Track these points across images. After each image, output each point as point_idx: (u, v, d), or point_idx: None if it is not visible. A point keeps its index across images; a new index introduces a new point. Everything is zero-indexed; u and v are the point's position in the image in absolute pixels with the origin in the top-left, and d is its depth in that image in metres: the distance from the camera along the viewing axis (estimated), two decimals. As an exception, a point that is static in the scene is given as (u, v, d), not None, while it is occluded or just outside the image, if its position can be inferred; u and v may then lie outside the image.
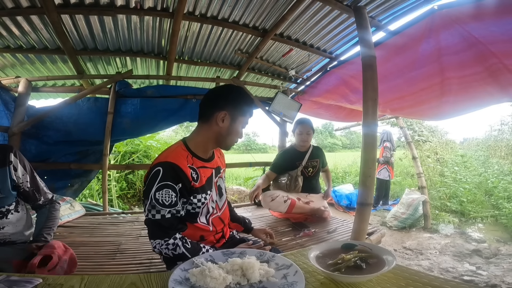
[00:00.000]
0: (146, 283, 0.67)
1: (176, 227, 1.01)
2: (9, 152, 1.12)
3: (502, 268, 2.56)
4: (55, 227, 1.23)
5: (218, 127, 1.08)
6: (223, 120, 1.07)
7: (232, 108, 1.08)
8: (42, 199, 1.25)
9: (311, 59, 2.93)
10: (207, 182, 1.10)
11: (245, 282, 0.66)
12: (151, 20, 2.21)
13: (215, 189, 1.16)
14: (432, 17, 1.80)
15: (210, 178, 1.13)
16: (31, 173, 1.21)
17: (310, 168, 2.46)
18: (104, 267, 1.45)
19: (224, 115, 1.07)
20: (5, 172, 1.11)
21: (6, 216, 1.13)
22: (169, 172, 0.97)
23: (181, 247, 0.98)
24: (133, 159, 5.05)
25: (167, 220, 0.97)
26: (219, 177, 1.20)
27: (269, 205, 2.26)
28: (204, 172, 1.09)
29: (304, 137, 2.39)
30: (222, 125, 1.08)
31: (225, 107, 1.08)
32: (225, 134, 1.09)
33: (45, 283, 0.65)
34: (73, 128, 2.62)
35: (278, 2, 2.10)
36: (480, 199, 4.80)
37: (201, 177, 1.07)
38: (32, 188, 1.20)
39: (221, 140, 1.11)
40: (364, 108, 1.70)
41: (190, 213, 1.07)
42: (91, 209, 2.94)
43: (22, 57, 2.38)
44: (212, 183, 1.14)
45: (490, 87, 1.99)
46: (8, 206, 1.14)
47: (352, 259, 0.70)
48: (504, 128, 8.58)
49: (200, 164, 1.09)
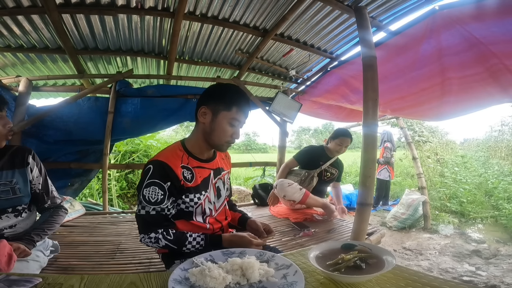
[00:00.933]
0: (145, 282, 0.67)
1: (160, 224, 1.01)
2: (28, 154, 1.18)
3: (502, 269, 2.56)
4: (50, 231, 1.23)
5: (202, 124, 1.07)
6: (204, 115, 1.05)
7: (211, 102, 1.05)
8: (49, 202, 1.28)
9: (311, 59, 2.94)
10: (203, 182, 1.08)
11: (245, 282, 0.66)
12: (151, 20, 2.21)
13: (213, 190, 1.14)
14: (433, 17, 1.80)
15: (207, 179, 1.11)
16: (44, 176, 1.25)
17: (328, 173, 2.53)
18: (103, 266, 1.45)
19: (204, 109, 1.05)
20: (25, 173, 1.16)
21: (21, 215, 1.17)
22: (158, 170, 0.98)
23: (162, 239, 0.99)
24: (133, 158, 5.05)
25: (151, 216, 0.99)
26: (219, 179, 1.17)
27: (285, 190, 2.24)
28: (200, 172, 1.08)
29: (342, 149, 2.47)
30: (204, 121, 1.06)
31: (205, 102, 1.06)
32: (209, 130, 1.05)
33: (44, 282, 0.65)
34: (74, 128, 2.62)
35: (279, 2, 2.10)
36: (480, 199, 4.80)
37: (196, 177, 1.06)
38: (42, 190, 1.24)
39: (208, 138, 1.07)
40: (364, 108, 1.70)
41: (184, 212, 1.07)
42: (91, 209, 2.94)
43: (23, 57, 2.39)
44: (209, 184, 1.12)
45: (491, 88, 1.99)
46: (25, 205, 1.18)
47: (351, 259, 0.70)
48: (505, 128, 8.58)
49: (197, 164, 1.08)
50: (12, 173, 1.13)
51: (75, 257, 1.52)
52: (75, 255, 1.55)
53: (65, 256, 1.50)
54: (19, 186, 1.14)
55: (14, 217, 1.15)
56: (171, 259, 1.10)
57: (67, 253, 1.55)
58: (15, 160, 1.15)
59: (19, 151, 1.18)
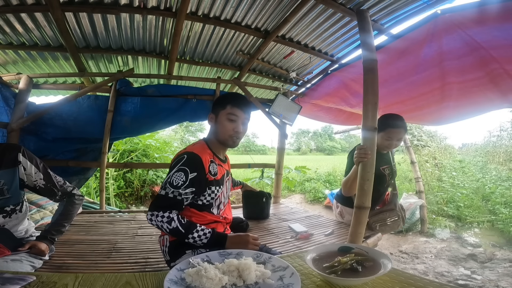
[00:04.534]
0: (141, 282, 0.66)
1: (173, 207, 1.11)
2: (17, 152, 1.13)
3: (497, 273, 2.56)
4: (68, 222, 1.30)
5: (212, 127, 1.31)
6: (211, 120, 1.29)
7: (214, 107, 1.30)
8: (60, 193, 1.27)
9: (312, 61, 2.94)
10: (222, 178, 1.27)
11: (241, 283, 0.66)
12: (153, 20, 2.21)
13: (225, 187, 1.33)
14: (435, 21, 1.80)
15: (224, 176, 1.31)
16: (44, 170, 1.22)
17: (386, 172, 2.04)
18: (99, 265, 1.44)
19: (211, 115, 1.30)
20: (14, 172, 1.12)
21: (10, 216, 1.15)
22: (191, 160, 1.14)
23: (176, 220, 1.08)
24: (131, 157, 5.04)
25: (168, 198, 1.09)
26: (228, 179, 1.38)
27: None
28: (220, 170, 1.28)
29: (393, 144, 1.96)
30: (212, 124, 1.30)
31: (212, 110, 1.31)
32: (216, 130, 1.27)
33: (38, 280, 0.64)
34: (73, 126, 2.61)
35: (281, 4, 2.11)
36: (477, 204, 4.80)
37: (218, 172, 1.24)
38: (48, 184, 1.22)
39: (217, 137, 1.27)
40: (364, 111, 1.69)
41: (205, 205, 1.21)
42: (88, 207, 2.93)
43: (24, 54, 2.38)
44: (225, 181, 1.31)
45: (490, 93, 1.99)
46: (14, 206, 1.15)
47: (348, 262, 0.70)
48: (503, 134, 8.59)
49: (218, 162, 1.28)
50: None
51: (70, 256, 1.51)
52: (70, 254, 1.53)
53: (60, 254, 1.49)
54: (7, 187, 1.10)
55: (2, 218, 1.12)
56: (182, 250, 1.14)
57: (62, 251, 1.53)
58: (2, 159, 1.09)
59: (6, 150, 1.12)
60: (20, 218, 1.20)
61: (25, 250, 1.13)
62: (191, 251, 1.13)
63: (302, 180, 7.87)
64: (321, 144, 37.97)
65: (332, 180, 8.16)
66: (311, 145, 39.88)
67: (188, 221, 1.11)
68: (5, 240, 1.09)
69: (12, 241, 1.14)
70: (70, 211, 1.29)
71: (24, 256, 1.12)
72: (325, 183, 7.85)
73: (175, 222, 1.07)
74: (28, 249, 1.14)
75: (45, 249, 1.18)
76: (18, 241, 1.18)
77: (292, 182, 6.15)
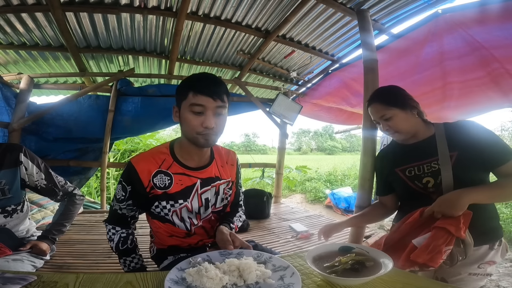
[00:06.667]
0: (142, 282, 0.66)
1: (119, 221, 1.02)
2: (19, 152, 1.14)
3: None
4: (69, 222, 1.29)
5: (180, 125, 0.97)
6: (176, 115, 0.97)
7: (176, 98, 0.96)
8: (61, 193, 1.27)
9: (313, 61, 2.94)
10: (183, 190, 0.97)
11: (242, 283, 0.66)
12: (154, 19, 2.21)
13: (198, 200, 1.00)
14: (436, 21, 1.80)
15: (191, 188, 0.98)
16: (46, 170, 1.23)
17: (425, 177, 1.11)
18: (100, 265, 1.45)
19: (175, 109, 0.97)
20: (16, 172, 1.12)
21: (11, 215, 1.15)
22: (126, 172, 0.97)
23: (115, 241, 1.01)
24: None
25: (113, 210, 1.02)
26: (210, 188, 1.02)
27: None
28: (183, 180, 0.98)
29: (382, 125, 1.22)
30: (177, 120, 0.97)
31: (176, 101, 0.98)
32: (182, 127, 0.95)
33: (39, 280, 0.64)
34: (73, 125, 2.62)
35: (281, 3, 2.11)
36: (479, 204, 4.79)
37: (174, 184, 0.96)
38: (50, 184, 1.23)
39: (185, 136, 0.95)
40: (364, 111, 1.69)
41: (164, 217, 1.00)
42: (89, 207, 2.94)
43: (25, 54, 2.39)
44: (193, 193, 0.99)
45: (492, 92, 1.99)
46: (15, 205, 1.16)
47: (349, 262, 0.70)
48: (504, 133, 8.59)
49: (181, 171, 0.98)
50: (0, 173, 1.09)
51: (71, 256, 1.52)
52: (71, 254, 1.54)
53: (61, 254, 1.50)
54: (8, 187, 1.11)
55: (4, 217, 1.13)
56: (163, 256, 1.07)
57: (63, 251, 1.54)
58: (4, 159, 1.10)
59: (8, 150, 1.12)
60: (21, 218, 1.21)
61: (26, 250, 1.14)
62: (173, 257, 1.03)
63: (303, 180, 7.87)
64: (321, 144, 37.98)
65: (332, 179, 8.16)
66: (311, 145, 39.89)
67: (129, 243, 1.02)
68: (6, 240, 1.10)
69: (13, 241, 1.15)
70: (71, 211, 1.29)
71: (25, 256, 1.12)
72: (325, 182, 7.86)
73: (114, 242, 1.01)
74: (29, 248, 1.14)
75: (46, 248, 1.19)
76: (19, 241, 1.19)
77: (293, 182, 6.15)
